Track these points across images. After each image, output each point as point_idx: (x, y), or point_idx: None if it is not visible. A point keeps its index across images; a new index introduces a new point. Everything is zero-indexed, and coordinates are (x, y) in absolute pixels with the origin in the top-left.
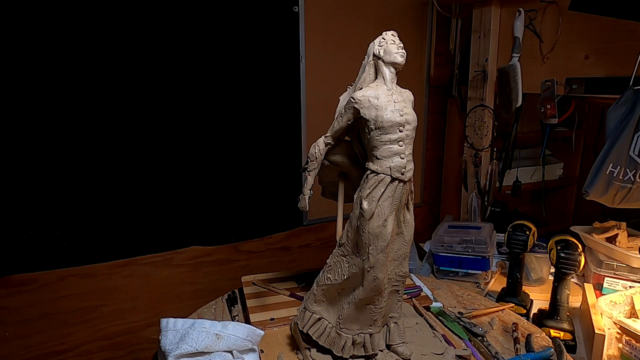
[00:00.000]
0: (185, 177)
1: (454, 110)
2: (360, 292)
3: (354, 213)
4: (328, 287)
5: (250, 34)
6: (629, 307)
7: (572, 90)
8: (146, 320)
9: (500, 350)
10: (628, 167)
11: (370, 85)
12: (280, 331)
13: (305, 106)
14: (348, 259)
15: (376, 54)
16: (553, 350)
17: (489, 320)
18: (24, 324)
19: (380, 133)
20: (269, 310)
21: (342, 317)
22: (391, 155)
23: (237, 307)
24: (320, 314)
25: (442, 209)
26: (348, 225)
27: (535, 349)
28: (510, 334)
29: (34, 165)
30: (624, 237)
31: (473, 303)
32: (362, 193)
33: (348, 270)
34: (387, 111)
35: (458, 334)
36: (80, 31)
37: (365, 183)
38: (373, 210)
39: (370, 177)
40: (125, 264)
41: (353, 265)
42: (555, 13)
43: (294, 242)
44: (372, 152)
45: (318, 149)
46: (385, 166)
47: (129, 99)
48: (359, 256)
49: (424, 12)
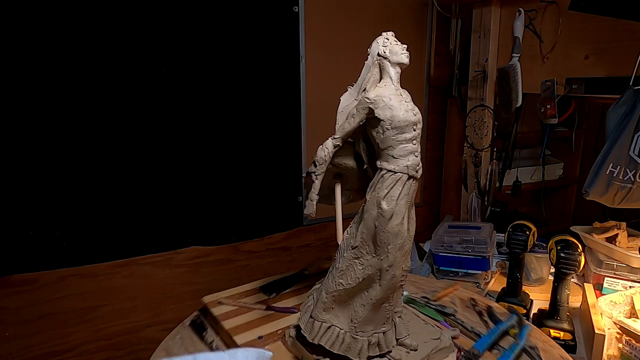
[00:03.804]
0: (185, 177)
1: (454, 110)
2: (377, 291)
3: (369, 214)
4: (340, 293)
5: (250, 34)
6: (629, 307)
7: (572, 90)
8: (146, 320)
9: (473, 325)
10: (628, 167)
11: (378, 85)
12: (274, 347)
13: (305, 106)
14: (362, 261)
15: (381, 54)
16: (515, 316)
17: (449, 300)
18: (24, 324)
19: (397, 132)
20: (251, 328)
21: (357, 320)
22: (407, 154)
23: (208, 332)
24: (330, 322)
25: (442, 209)
26: (362, 227)
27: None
28: (473, 309)
29: (34, 165)
30: (624, 237)
31: (429, 287)
32: (379, 193)
33: (362, 272)
34: (401, 111)
35: (433, 317)
36: (80, 31)
37: (381, 183)
38: (393, 209)
39: (387, 176)
40: (125, 264)
41: (369, 267)
42: (555, 13)
43: (294, 242)
44: (387, 152)
45: (327, 152)
46: (402, 165)
47: (128, 99)
48: (376, 256)
49: (424, 12)
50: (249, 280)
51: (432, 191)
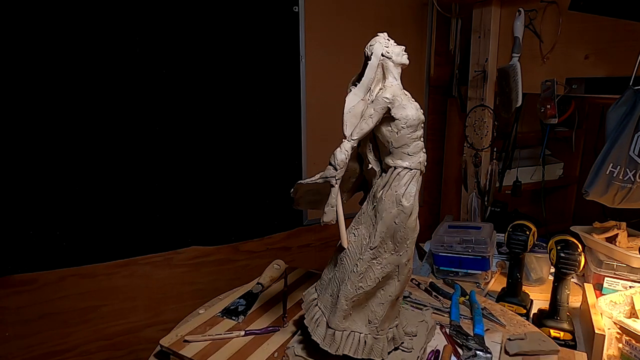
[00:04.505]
0: (185, 177)
1: (454, 110)
2: (396, 287)
3: (388, 213)
4: (359, 297)
5: (250, 34)
6: (629, 307)
7: (572, 90)
8: (146, 320)
9: (429, 301)
10: (628, 167)
11: (386, 85)
12: None
13: (305, 106)
14: (380, 260)
15: (385, 55)
16: (458, 285)
17: None
18: (24, 324)
19: (411, 131)
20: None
21: (378, 320)
22: (419, 150)
23: None
24: (349, 329)
25: (442, 209)
26: (380, 226)
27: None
28: (418, 288)
29: (34, 166)
30: (624, 237)
31: None
32: (398, 191)
33: (381, 272)
34: (413, 110)
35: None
36: (81, 31)
37: (398, 181)
38: (412, 205)
39: (403, 174)
40: (125, 264)
41: (387, 265)
42: (555, 13)
43: (294, 242)
44: (402, 150)
45: (347, 154)
46: (416, 162)
47: (129, 99)
48: (395, 253)
49: (424, 12)
50: (249, 280)
51: (432, 191)
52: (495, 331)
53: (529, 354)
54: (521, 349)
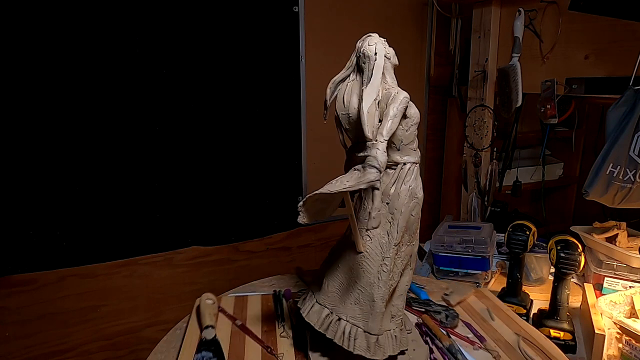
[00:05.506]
0: (185, 177)
1: (454, 110)
2: (410, 276)
3: (407, 207)
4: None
5: (250, 34)
6: (629, 307)
7: (572, 90)
8: (146, 320)
9: None
10: (628, 167)
11: (391, 85)
12: None
13: (305, 106)
14: (400, 254)
15: (387, 56)
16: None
17: None
18: (24, 324)
19: (416, 127)
20: None
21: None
22: (418, 145)
23: None
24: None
25: (442, 209)
26: (400, 223)
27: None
28: None
29: (34, 165)
30: (624, 237)
31: None
32: (412, 185)
33: (401, 265)
34: (414, 107)
35: None
36: (80, 31)
37: (409, 175)
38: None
39: (413, 168)
40: (125, 264)
41: (405, 257)
42: (555, 13)
43: (294, 242)
44: (409, 146)
45: (386, 157)
46: (418, 156)
47: (128, 98)
48: (409, 244)
49: (424, 12)
50: (249, 280)
51: (432, 191)
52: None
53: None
54: (455, 300)
